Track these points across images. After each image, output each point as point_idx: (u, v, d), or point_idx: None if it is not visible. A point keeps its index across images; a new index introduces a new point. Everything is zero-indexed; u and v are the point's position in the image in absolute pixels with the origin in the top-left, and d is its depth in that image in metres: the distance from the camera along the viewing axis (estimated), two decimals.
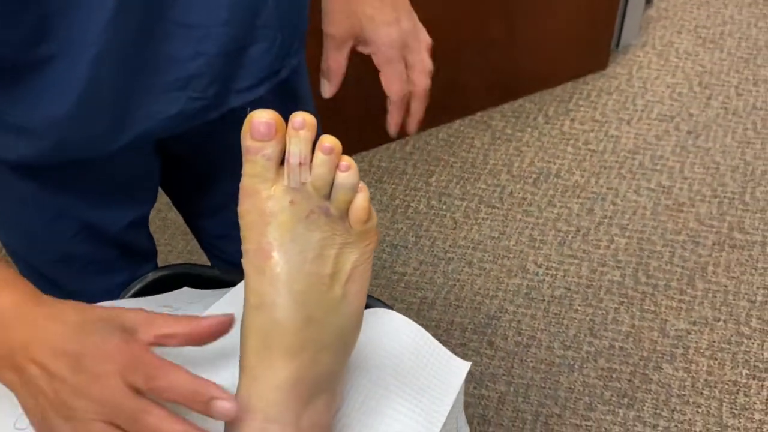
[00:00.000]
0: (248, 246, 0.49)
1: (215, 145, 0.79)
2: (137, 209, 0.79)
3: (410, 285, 1.60)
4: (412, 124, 0.80)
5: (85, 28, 0.56)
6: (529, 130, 1.89)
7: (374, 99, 2.04)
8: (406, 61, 0.77)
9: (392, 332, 0.62)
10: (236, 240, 0.95)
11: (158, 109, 0.65)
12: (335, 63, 0.78)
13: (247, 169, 0.49)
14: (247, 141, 0.48)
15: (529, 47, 1.89)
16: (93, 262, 0.79)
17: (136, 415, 0.45)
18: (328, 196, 0.49)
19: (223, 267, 0.90)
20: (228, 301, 0.65)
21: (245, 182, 0.49)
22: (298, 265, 0.48)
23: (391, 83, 0.77)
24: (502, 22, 1.80)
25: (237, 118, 0.75)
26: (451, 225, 1.70)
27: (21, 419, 0.54)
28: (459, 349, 1.47)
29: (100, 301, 0.62)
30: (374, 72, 2.08)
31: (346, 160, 0.49)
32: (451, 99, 1.90)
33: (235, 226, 0.51)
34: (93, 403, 0.45)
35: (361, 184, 0.50)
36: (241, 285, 0.68)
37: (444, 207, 1.74)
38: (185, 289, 0.76)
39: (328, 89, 0.80)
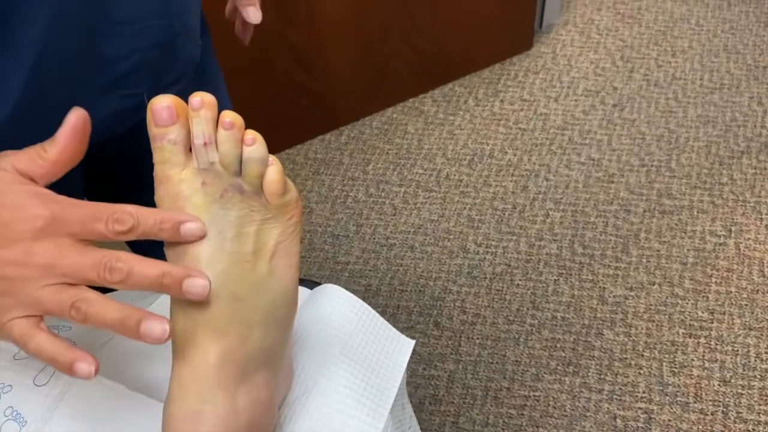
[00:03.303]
0: None
1: (139, 151, 0.78)
2: None
3: (354, 273, 1.61)
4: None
5: (25, 27, 0.54)
6: (461, 113, 1.92)
7: (306, 91, 2.03)
8: None
9: (340, 310, 0.63)
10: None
11: (94, 114, 0.64)
12: None
13: (156, 156, 0.48)
14: (152, 129, 0.48)
15: (455, 32, 1.91)
16: None
17: (107, 265, 0.44)
18: (239, 173, 0.49)
19: None
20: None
21: (156, 170, 0.48)
22: (217, 245, 0.47)
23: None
24: (427, 8, 1.82)
25: None
26: (390, 211, 1.71)
27: (40, 376, 0.55)
28: (406, 332, 1.49)
29: None
30: (306, 65, 2.07)
31: (251, 134, 0.48)
32: (381, 87, 1.91)
33: None
34: (45, 268, 0.44)
35: (273, 158, 0.49)
36: None
37: (383, 194, 1.75)
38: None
39: (254, 15, 0.78)
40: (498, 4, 1.92)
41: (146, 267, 0.44)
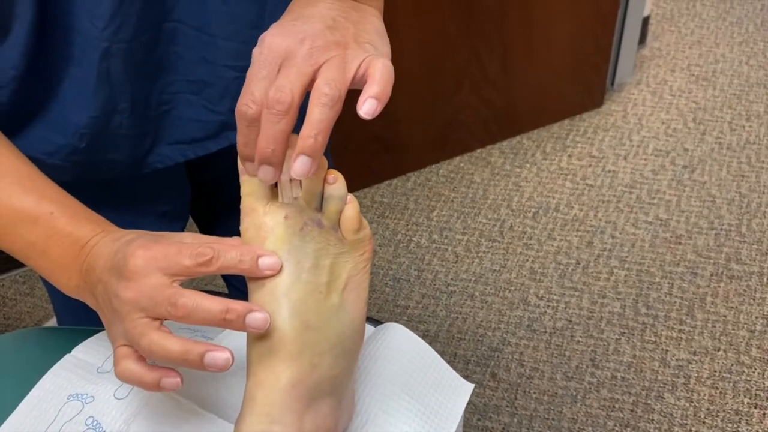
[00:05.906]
0: None
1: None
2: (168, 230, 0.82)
3: (413, 318, 1.61)
4: None
5: (88, 26, 0.59)
6: (528, 165, 1.93)
7: (376, 138, 2.07)
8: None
9: (403, 348, 0.64)
10: None
11: (178, 114, 0.68)
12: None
13: (244, 189, 0.52)
14: (241, 163, 0.51)
15: (526, 86, 1.93)
16: None
17: (170, 299, 0.47)
18: (320, 209, 0.52)
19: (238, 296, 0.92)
20: None
21: (244, 202, 0.52)
22: (294, 275, 0.50)
23: None
24: (500, 62, 1.85)
25: None
26: (452, 259, 1.72)
27: (120, 390, 0.58)
28: None
29: None
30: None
31: (333, 173, 0.52)
32: (450, 136, 1.94)
33: None
34: (132, 302, 0.48)
35: (350, 197, 0.53)
36: None
37: (445, 241, 1.76)
38: None
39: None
40: (570, 61, 1.94)
41: (210, 303, 0.47)
